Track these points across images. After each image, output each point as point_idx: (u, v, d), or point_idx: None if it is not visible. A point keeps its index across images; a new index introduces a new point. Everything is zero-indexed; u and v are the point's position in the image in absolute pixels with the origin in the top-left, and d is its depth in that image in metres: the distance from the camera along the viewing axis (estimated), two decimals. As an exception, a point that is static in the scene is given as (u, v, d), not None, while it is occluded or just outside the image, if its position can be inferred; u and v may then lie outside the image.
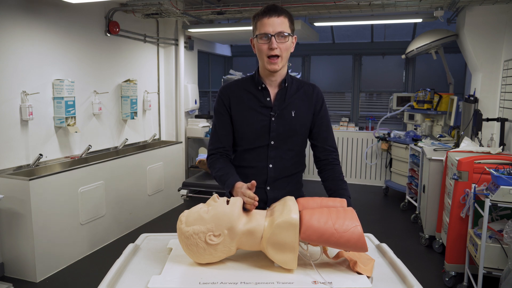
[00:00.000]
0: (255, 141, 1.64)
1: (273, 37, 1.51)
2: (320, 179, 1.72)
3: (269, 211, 1.34)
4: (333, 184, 1.65)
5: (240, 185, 1.47)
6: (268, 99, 1.62)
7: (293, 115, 1.62)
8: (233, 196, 1.47)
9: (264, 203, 1.63)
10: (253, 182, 1.40)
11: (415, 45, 4.89)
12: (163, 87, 5.22)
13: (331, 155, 1.70)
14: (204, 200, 1.42)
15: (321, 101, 1.69)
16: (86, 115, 3.94)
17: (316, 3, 4.09)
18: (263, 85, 1.63)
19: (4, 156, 3.15)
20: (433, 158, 3.64)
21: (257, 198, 1.36)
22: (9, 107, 3.16)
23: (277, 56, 1.54)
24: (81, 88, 3.84)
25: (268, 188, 1.66)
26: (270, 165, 1.64)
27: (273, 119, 1.61)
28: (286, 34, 1.53)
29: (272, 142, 1.62)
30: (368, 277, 1.21)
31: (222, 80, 5.89)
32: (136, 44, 4.67)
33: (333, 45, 6.51)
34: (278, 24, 1.51)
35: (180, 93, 5.20)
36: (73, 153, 3.81)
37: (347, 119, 6.31)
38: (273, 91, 1.64)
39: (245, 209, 1.35)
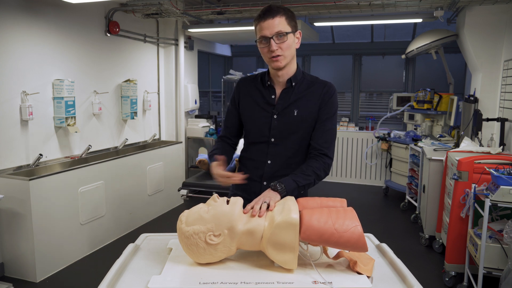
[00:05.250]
0: (257, 136, 1.70)
1: (271, 40, 1.52)
2: (323, 180, 1.71)
3: (269, 211, 1.34)
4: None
5: (214, 165, 1.58)
6: (272, 96, 1.67)
7: (295, 114, 1.63)
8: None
9: None
10: (220, 158, 1.59)
11: (415, 45, 4.89)
12: (163, 87, 5.22)
13: (313, 152, 1.62)
14: (204, 200, 1.42)
15: (328, 97, 1.63)
16: (86, 115, 3.94)
17: (316, 3, 4.09)
18: (268, 83, 1.68)
19: (4, 156, 3.15)
20: (433, 158, 3.63)
21: (229, 175, 1.51)
22: (9, 107, 3.16)
23: (279, 55, 1.55)
24: (81, 88, 3.84)
25: (265, 183, 1.68)
26: (269, 161, 1.67)
27: (274, 116, 1.64)
28: (285, 33, 1.53)
29: (272, 139, 1.66)
30: (368, 277, 1.21)
31: (222, 80, 5.88)
32: (136, 44, 4.67)
33: (333, 45, 6.51)
34: (275, 25, 1.52)
35: (180, 93, 5.20)
36: (73, 153, 3.81)
37: (347, 119, 6.31)
38: (279, 89, 1.67)
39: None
